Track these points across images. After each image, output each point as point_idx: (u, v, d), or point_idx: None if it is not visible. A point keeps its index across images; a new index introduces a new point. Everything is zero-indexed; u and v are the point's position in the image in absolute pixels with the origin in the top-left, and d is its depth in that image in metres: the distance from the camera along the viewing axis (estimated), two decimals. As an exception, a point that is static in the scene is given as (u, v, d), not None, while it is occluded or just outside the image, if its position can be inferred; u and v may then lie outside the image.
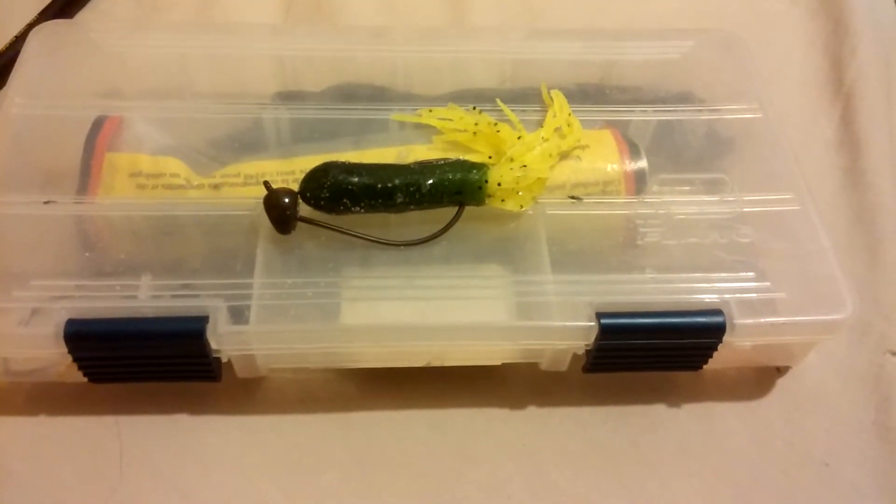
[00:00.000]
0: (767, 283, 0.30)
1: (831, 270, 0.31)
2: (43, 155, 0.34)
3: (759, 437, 0.32)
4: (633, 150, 0.34)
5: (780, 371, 0.33)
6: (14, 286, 0.29)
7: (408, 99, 0.37)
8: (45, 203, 0.31)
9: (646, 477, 0.31)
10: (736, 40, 0.39)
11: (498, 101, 0.35)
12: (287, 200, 0.30)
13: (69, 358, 0.28)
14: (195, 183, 0.33)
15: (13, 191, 0.32)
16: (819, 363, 0.33)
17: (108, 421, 0.30)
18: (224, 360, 0.30)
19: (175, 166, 0.33)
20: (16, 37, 0.43)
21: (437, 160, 0.32)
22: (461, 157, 0.32)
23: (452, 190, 0.31)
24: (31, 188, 0.32)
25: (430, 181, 0.31)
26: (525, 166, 0.32)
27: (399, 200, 0.31)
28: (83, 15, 0.45)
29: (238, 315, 0.29)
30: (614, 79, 0.39)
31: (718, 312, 0.29)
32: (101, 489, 0.29)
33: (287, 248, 0.31)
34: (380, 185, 0.31)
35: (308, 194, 0.31)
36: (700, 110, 0.37)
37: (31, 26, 0.43)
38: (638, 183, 0.34)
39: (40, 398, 0.31)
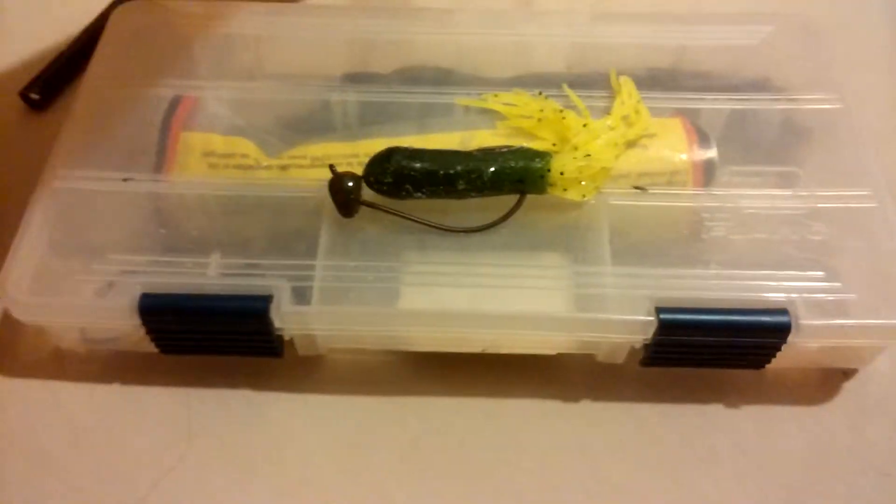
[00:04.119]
0: (838, 284, 0.29)
1: (907, 273, 0.29)
2: (122, 132, 0.35)
3: (819, 441, 0.31)
4: (703, 140, 0.33)
5: (846, 374, 0.32)
6: (93, 259, 0.31)
7: (473, 82, 0.37)
8: (124, 180, 0.33)
9: (699, 476, 0.30)
10: (817, 26, 0.38)
11: (564, 86, 0.35)
12: (351, 184, 0.31)
13: (143, 329, 0.30)
14: (264, 164, 0.33)
15: (94, 167, 0.33)
16: (888, 368, 0.32)
17: (179, 392, 0.32)
18: (286, 337, 0.31)
19: (245, 147, 0.34)
20: (100, 14, 0.44)
21: (500, 147, 0.32)
22: (524, 144, 0.32)
23: (514, 178, 0.31)
24: (110, 164, 0.33)
25: (492, 169, 0.31)
26: (589, 155, 0.31)
27: (461, 187, 0.31)
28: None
29: (300, 295, 0.30)
30: (686, 64, 0.38)
31: (784, 312, 0.29)
32: (170, 456, 0.30)
33: (349, 231, 0.32)
34: (442, 172, 0.31)
35: (371, 179, 0.31)
36: (776, 99, 0.35)
37: (114, 5, 0.44)
38: (706, 174, 0.33)
39: (115, 367, 0.32)
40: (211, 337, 0.31)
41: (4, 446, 0.31)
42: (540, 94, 0.34)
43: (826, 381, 0.32)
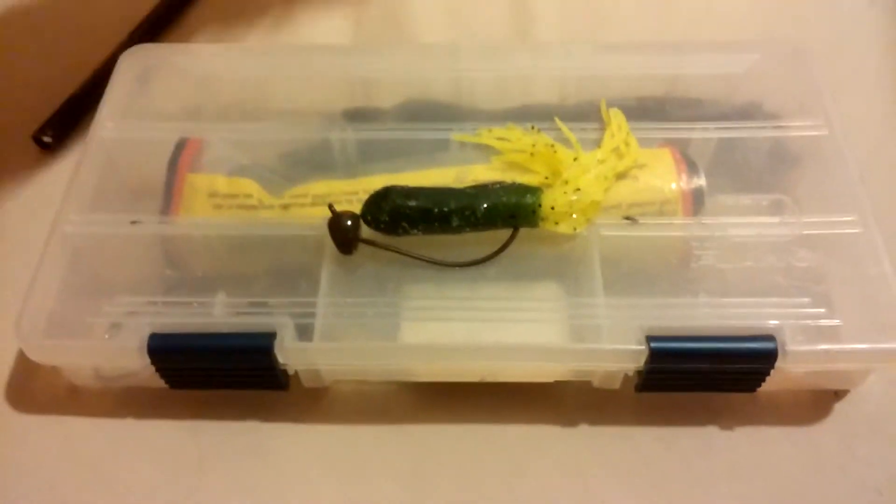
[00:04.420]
0: (823, 310, 0.30)
1: (892, 297, 0.30)
2: (130, 175, 0.37)
3: (813, 462, 0.31)
4: (692, 169, 0.34)
5: (837, 395, 0.33)
6: (103, 301, 0.32)
7: (472, 116, 0.38)
8: (132, 223, 0.34)
9: (695, 498, 0.31)
10: (804, 52, 0.38)
11: (556, 119, 0.36)
12: (349, 223, 0.32)
13: (152, 368, 0.31)
14: (267, 203, 0.35)
15: (104, 210, 0.34)
16: (879, 388, 0.33)
17: (189, 425, 0.33)
18: (291, 372, 0.32)
19: (249, 187, 0.35)
20: (108, 58, 0.46)
21: (493, 183, 0.33)
22: (517, 179, 0.33)
23: (506, 214, 0.32)
24: (119, 207, 0.35)
25: (485, 205, 0.32)
26: (579, 189, 0.32)
27: (455, 223, 0.32)
28: (168, 37, 0.48)
29: (303, 331, 0.31)
30: (678, 93, 0.39)
31: (770, 338, 0.29)
32: (182, 489, 0.31)
33: (350, 268, 0.33)
34: (436, 210, 0.32)
35: (369, 217, 0.32)
36: (763, 127, 0.36)
37: (120, 50, 0.46)
38: (695, 203, 0.34)
39: (128, 402, 0.33)
40: (218, 373, 0.32)
41: (19, 480, 0.32)
42: (533, 128, 0.35)
43: (818, 403, 0.33)
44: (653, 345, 0.29)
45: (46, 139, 0.43)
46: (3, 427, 0.33)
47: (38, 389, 0.34)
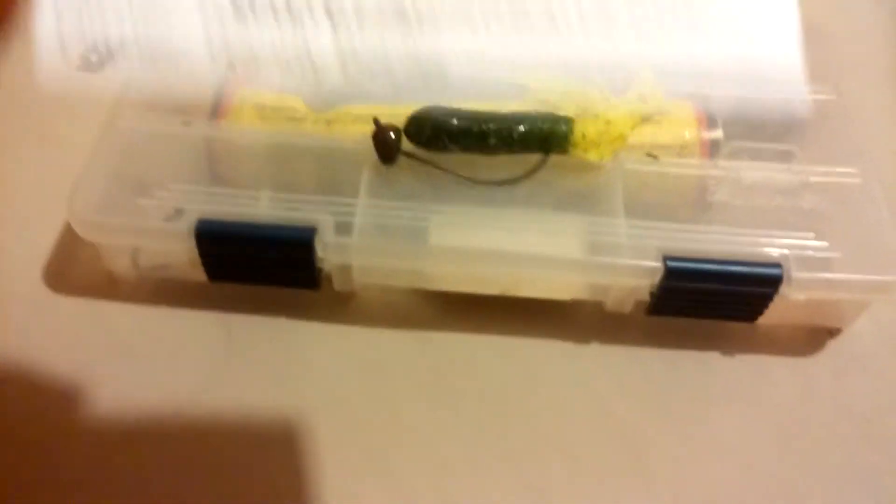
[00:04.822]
0: (825, 244, 0.33)
1: (888, 237, 0.33)
2: (181, 87, 0.38)
3: (805, 390, 0.34)
4: (710, 120, 0.37)
5: (831, 333, 0.35)
6: (153, 189, 0.34)
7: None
8: (184, 124, 0.36)
9: (696, 415, 0.33)
10: (817, 29, 0.41)
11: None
12: (392, 135, 0.34)
13: (195, 253, 0.33)
14: (311, 118, 0.37)
15: (156, 111, 0.36)
16: (869, 328, 0.35)
17: (220, 317, 0.35)
18: (325, 270, 0.34)
19: (294, 102, 0.37)
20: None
21: (529, 111, 0.35)
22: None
23: (541, 137, 0.34)
24: (171, 110, 0.36)
25: (522, 128, 0.34)
26: (609, 122, 0.35)
27: (492, 143, 0.34)
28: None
29: (342, 230, 0.33)
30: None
31: (777, 265, 0.32)
32: (210, 373, 0.33)
33: (388, 178, 0.35)
34: (476, 128, 0.34)
35: (412, 130, 0.34)
36: (777, 90, 0.39)
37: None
38: (712, 149, 0.36)
39: (162, 293, 0.35)
40: (257, 265, 0.33)
41: (49, 358, 0.33)
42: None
43: (813, 338, 0.35)
44: (669, 263, 0.32)
45: (93, 58, 0.45)
46: (39, 307, 0.35)
47: (76, 274, 0.36)
